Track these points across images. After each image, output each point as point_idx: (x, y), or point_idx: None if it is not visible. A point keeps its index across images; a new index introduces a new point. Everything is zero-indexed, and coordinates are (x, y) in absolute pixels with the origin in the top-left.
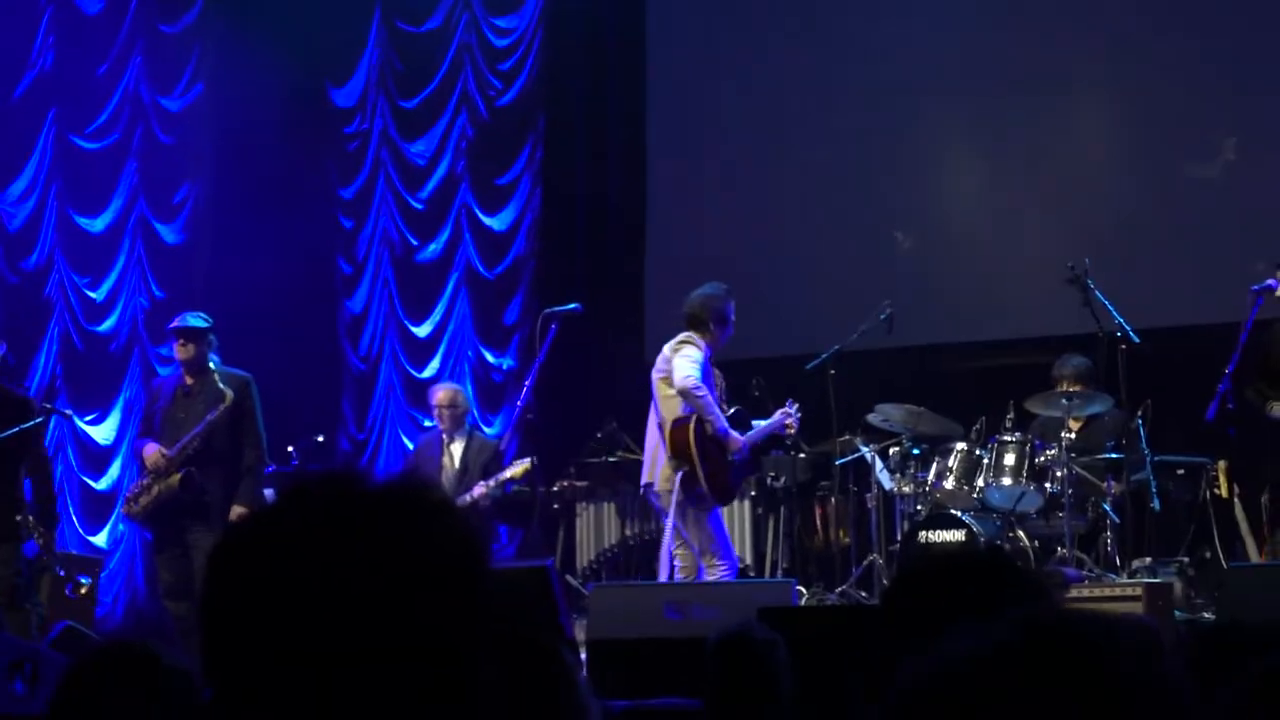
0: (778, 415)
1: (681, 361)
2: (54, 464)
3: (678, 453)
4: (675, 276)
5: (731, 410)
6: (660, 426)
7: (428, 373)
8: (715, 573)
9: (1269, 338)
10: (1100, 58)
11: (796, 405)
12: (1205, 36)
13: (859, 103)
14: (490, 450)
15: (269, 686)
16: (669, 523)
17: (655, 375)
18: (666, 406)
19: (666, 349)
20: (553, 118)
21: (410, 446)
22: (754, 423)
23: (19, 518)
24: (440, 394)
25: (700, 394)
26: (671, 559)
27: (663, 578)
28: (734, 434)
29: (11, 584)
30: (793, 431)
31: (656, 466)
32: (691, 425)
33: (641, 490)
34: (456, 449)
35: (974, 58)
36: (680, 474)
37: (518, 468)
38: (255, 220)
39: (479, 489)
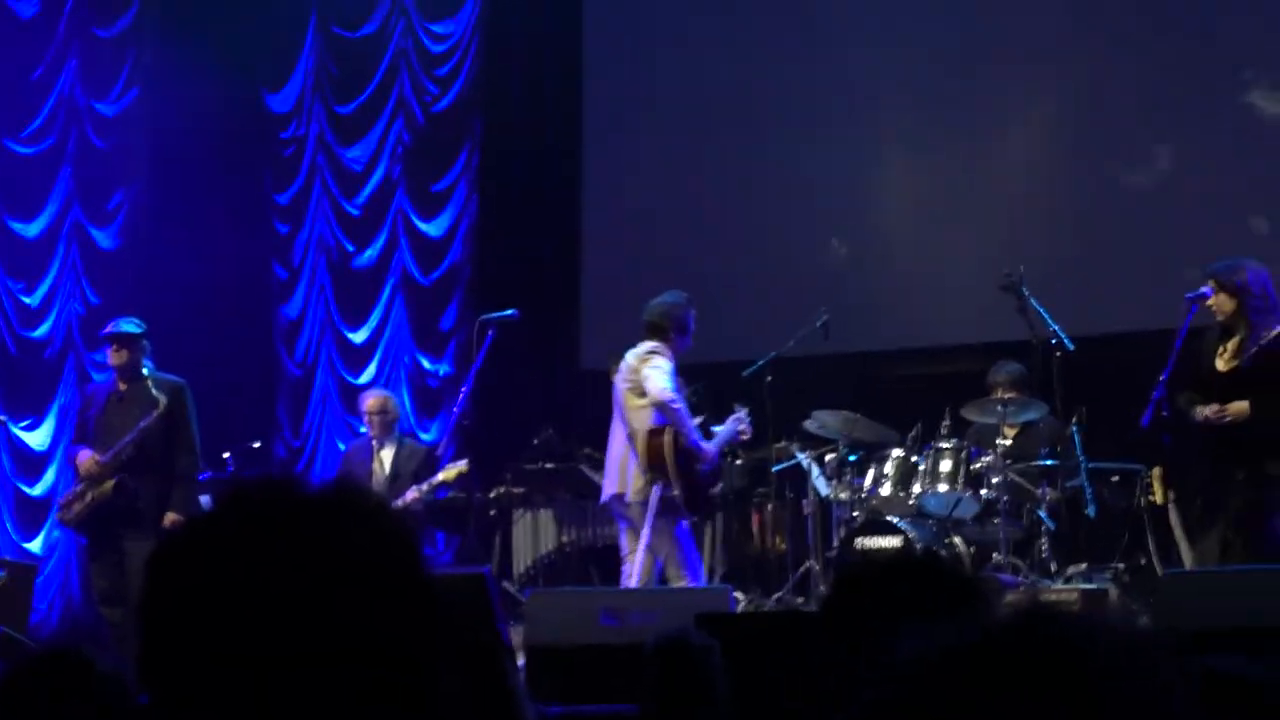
0: (730, 422)
1: (654, 373)
2: None
3: (654, 464)
4: (612, 283)
5: (697, 420)
6: (630, 438)
7: (364, 378)
8: (682, 583)
9: (1200, 346)
10: (1035, 64)
11: (747, 410)
12: (1139, 44)
13: (795, 109)
14: (421, 456)
15: (206, 691)
16: (645, 533)
17: (621, 385)
18: (636, 417)
19: (631, 358)
20: (489, 123)
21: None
22: (715, 431)
23: None
24: (370, 400)
25: (677, 406)
26: (640, 569)
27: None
28: (705, 445)
29: None
30: (746, 438)
31: (627, 477)
32: (667, 436)
33: (605, 500)
34: (386, 455)
35: (910, 65)
36: (657, 486)
37: (451, 470)
38: (190, 225)
39: (411, 493)
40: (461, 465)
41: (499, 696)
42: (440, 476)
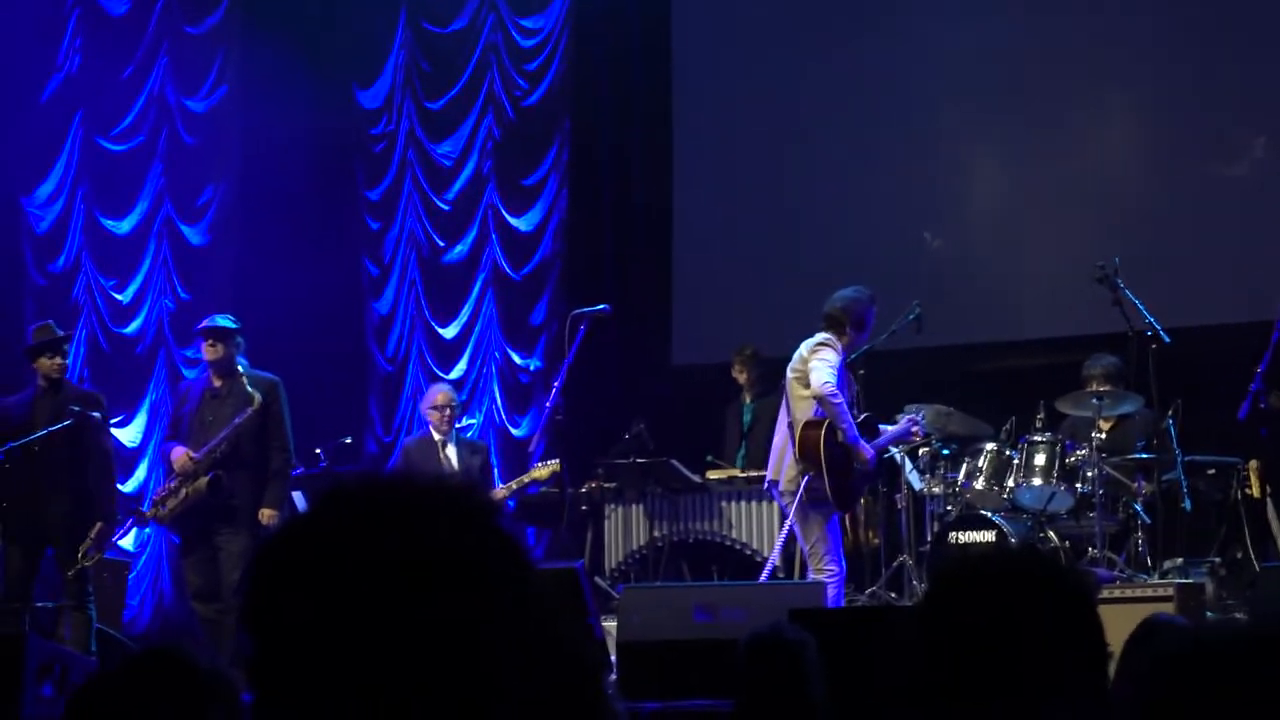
0: (904, 422)
1: (819, 364)
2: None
3: (805, 455)
4: (702, 277)
5: (862, 417)
6: (791, 426)
7: (455, 374)
8: (822, 576)
9: None
10: (1129, 57)
11: (923, 413)
12: (1233, 35)
13: (886, 103)
14: (484, 453)
15: (313, 690)
16: (788, 522)
17: (789, 374)
18: (799, 407)
19: (803, 349)
20: (579, 118)
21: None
22: (882, 428)
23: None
24: (440, 395)
25: (836, 400)
26: (778, 557)
27: (766, 574)
28: (863, 444)
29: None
30: (919, 438)
31: (783, 466)
32: (823, 430)
33: (765, 487)
34: (452, 452)
35: (1002, 58)
36: (806, 477)
37: (544, 469)
38: (281, 222)
39: (501, 490)
40: (554, 464)
41: (590, 692)
42: (533, 474)
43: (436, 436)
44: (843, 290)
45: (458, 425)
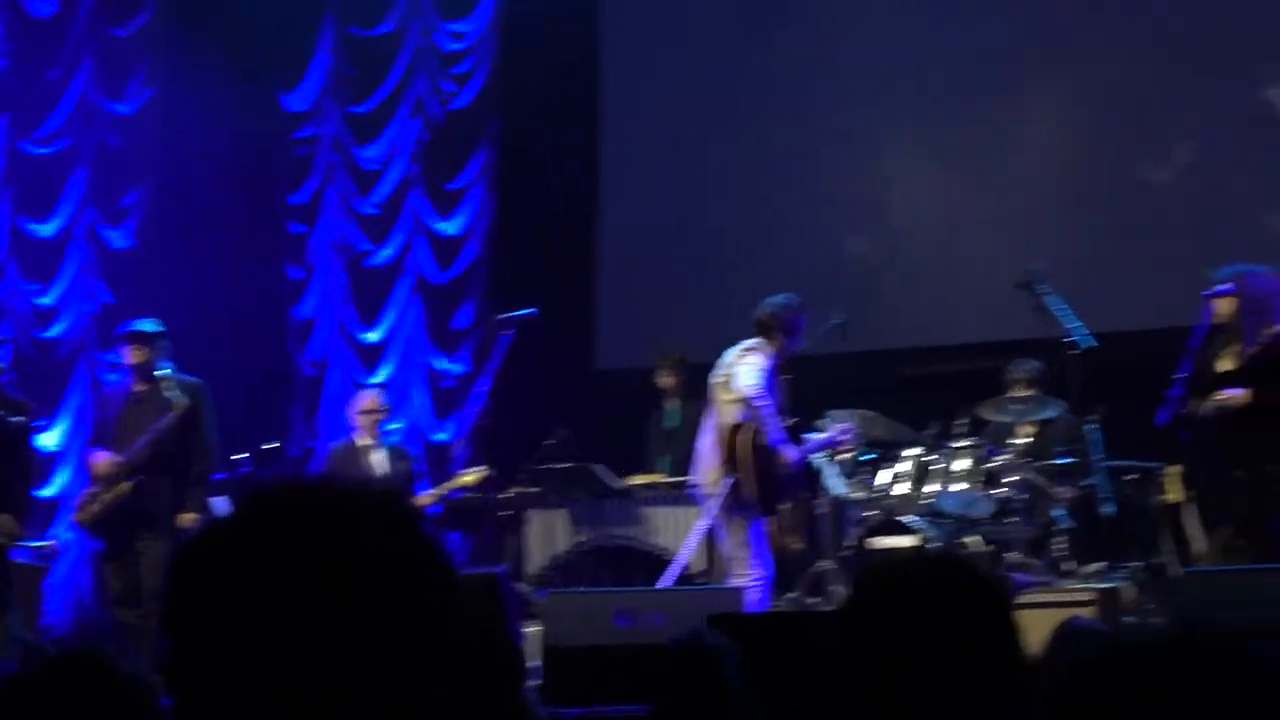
0: (834, 430)
1: (746, 369)
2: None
3: (729, 458)
4: (628, 283)
5: (789, 422)
6: (715, 429)
7: (378, 379)
8: (743, 581)
9: (1209, 348)
10: (1053, 61)
11: (857, 423)
12: (1159, 40)
13: (813, 108)
14: (409, 458)
15: (232, 694)
16: (702, 524)
17: (714, 379)
18: (725, 411)
19: (730, 354)
20: (506, 122)
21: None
22: (809, 436)
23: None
24: (369, 400)
25: (762, 404)
26: (688, 558)
27: (672, 576)
28: (790, 447)
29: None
30: (848, 447)
31: (706, 469)
32: (747, 434)
33: (689, 490)
34: (378, 457)
35: (929, 61)
36: (730, 480)
37: (472, 475)
38: (205, 226)
39: (427, 496)
40: (484, 470)
41: (512, 698)
42: (461, 479)
43: (363, 441)
44: (773, 297)
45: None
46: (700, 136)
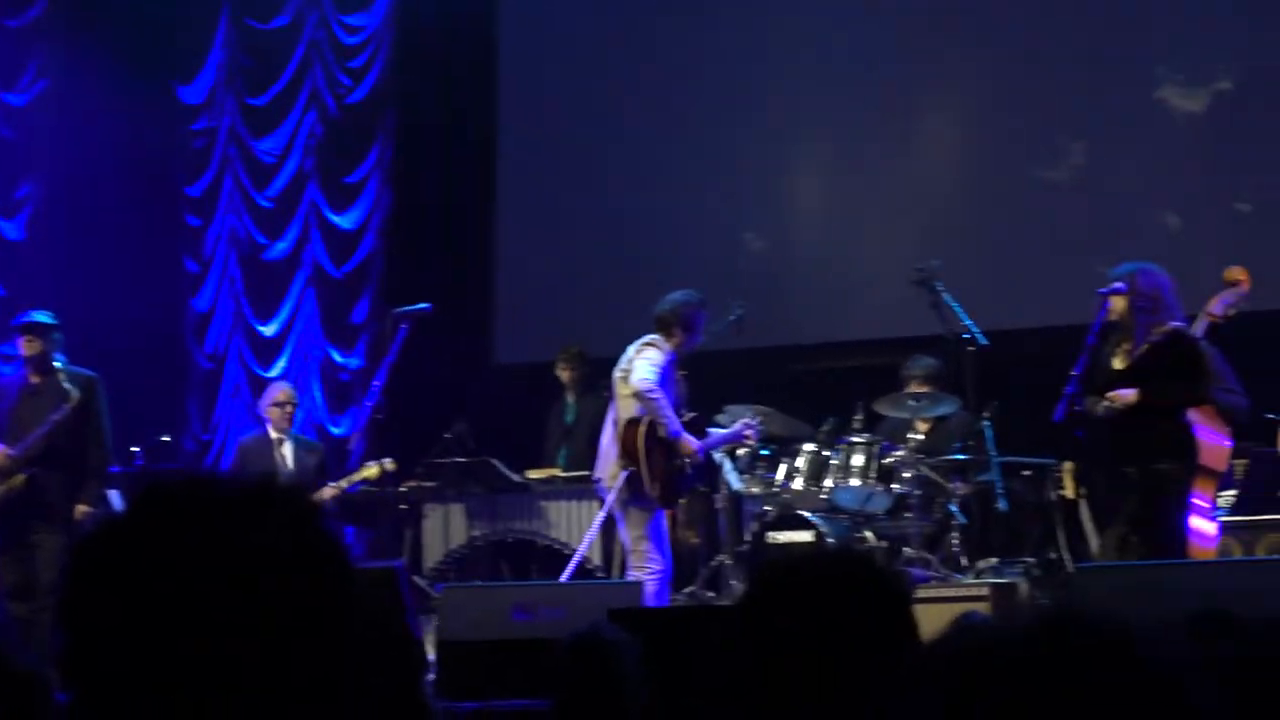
0: (738, 425)
1: (641, 363)
2: None
3: (626, 451)
4: (526, 277)
5: (689, 417)
6: (615, 424)
7: (274, 372)
8: (641, 574)
9: (1104, 346)
10: (951, 60)
11: (760, 418)
12: (1055, 40)
13: (710, 105)
14: (320, 453)
15: (129, 688)
16: (599, 517)
17: (616, 374)
18: (623, 405)
19: (630, 349)
20: (403, 116)
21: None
22: (711, 430)
23: None
24: (282, 393)
25: (654, 396)
26: (585, 551)
27: (572, 569)
28: (687, 437)
29: None
30: (752, 442)
31: (606, 463)
32: (643, 426)
33: (594, 484)
34: (288, 451)
35: (826, 59)
36: (626, 473)
37: (372, 469)
38: (100, 218)
39: (329, 490)
40: (387, 463)
41: (409, 692)
42: (362, 473)
43: (274, 434)
44: (673, 293)
45: None
46: (599, 131)
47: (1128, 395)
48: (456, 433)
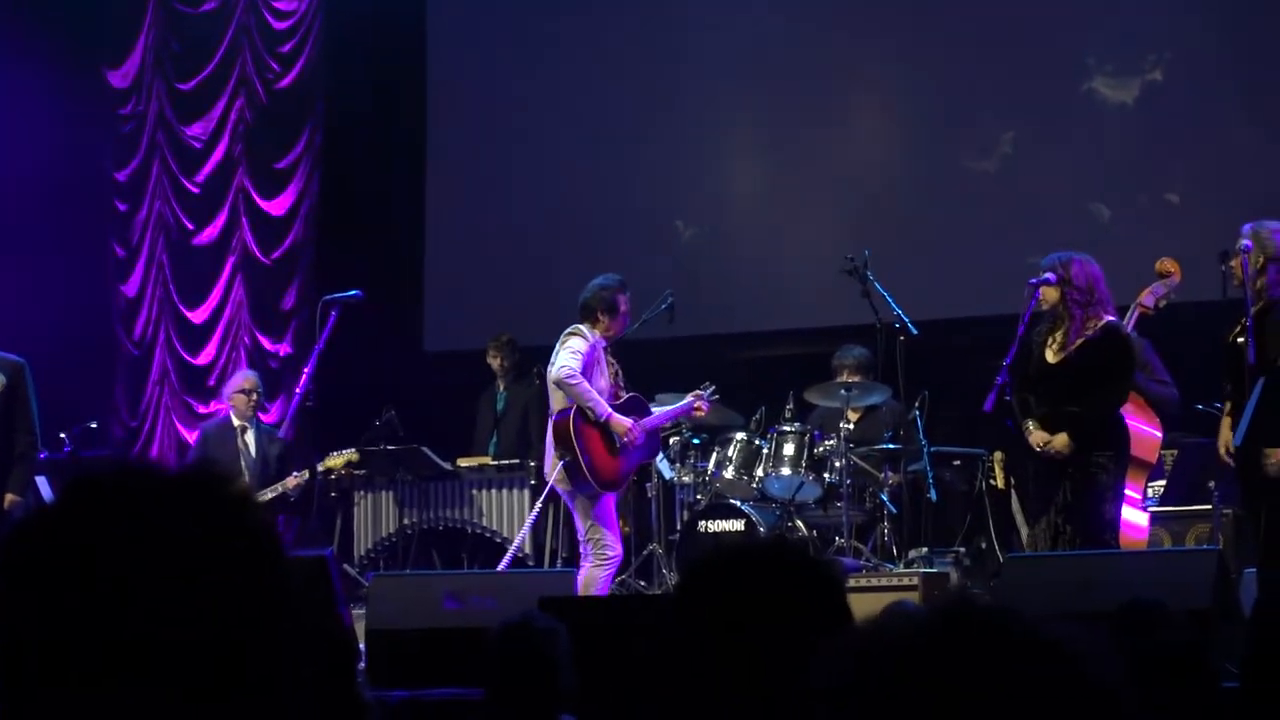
0: (688, 398)
1: (563, 353)
2: None
3: (560, 441)
4: (455, 265)
5: (625, 397)
6: (550, 417)
7: (203, 359)
8: (596, 558)
9: (1034, 338)
10: (881, 49)
11: (712, 389)
12: (984, 29)
13: (640, 93)
14: (280, 442)
15: (63, 683)
16: (536, 508)
17: (548, 369)
18: (554, 397)
19: (558, 342)
20: (333, 102)
21: (186, 434)
22: (655, 408)
23: None
24: (247, 380)
25: (574, 382)
26: (522, 541)
27: (506, 560)
28: (619, 418)
29: None
30: (702, 414)
31: (546, 457)
32: (571, 415)
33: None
34: (250, 439)
35: (756, 49)
36: (563, 463)
37: (339, 457)
38: (26, 202)
39: (292, 480)
40: (350, 453)
41: (340, 681)
42: (326, 463)
43: (237, 422)
44: (595, 279)
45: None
46: (529, 117)
47: (1060, 444)
48: (387, 420)
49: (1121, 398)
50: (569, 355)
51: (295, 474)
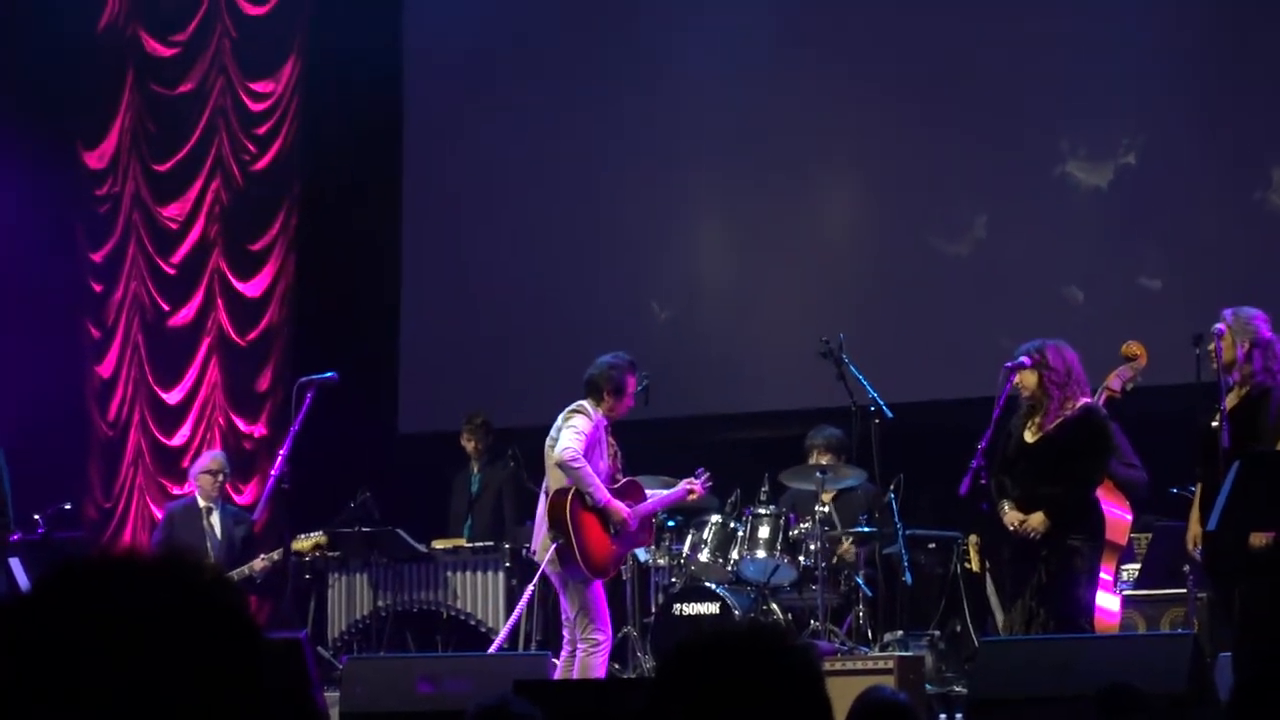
0: (681, 485)
1: (567, 432)
2: None
3: (554, 523)
4: (430, 347)
5: (623, 480)
6: (546, 494)
7: (178, 440)
8: (587, 644)
9: (1011, 421)
10: (857, 133)
11: (707, 474)
12: (957, 113)
13: (617, 176)
14: (247, 524)
15: None
16: (528, 589)
17: (547, 444)
18: (552, 476)
19: (560, 418)
20: (309, 183)
21: (160, 515)
22: (651, 492)
23: None
24: (214, 460)
25: (577, 466)
26: (515, 624)
27: (499, 641)
28: (617, 505)
29: None
30: (695, 498)
31: (537, 535)
32: (569, 497)
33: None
34: (216, 520)
35: (732, 133)
36: (555, 545)
37: (305, 541)
38: (2, 282)
39: (260, 561)
40: (318, 536)
41: None
42: (296, 545)
43: (203, 503)
44: (603, 356)
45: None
46: (505, 201)
47: (1035, 522)
48: (361, 502)
49: (1098, 478)
50: (572, 436)
51: (263, 556)
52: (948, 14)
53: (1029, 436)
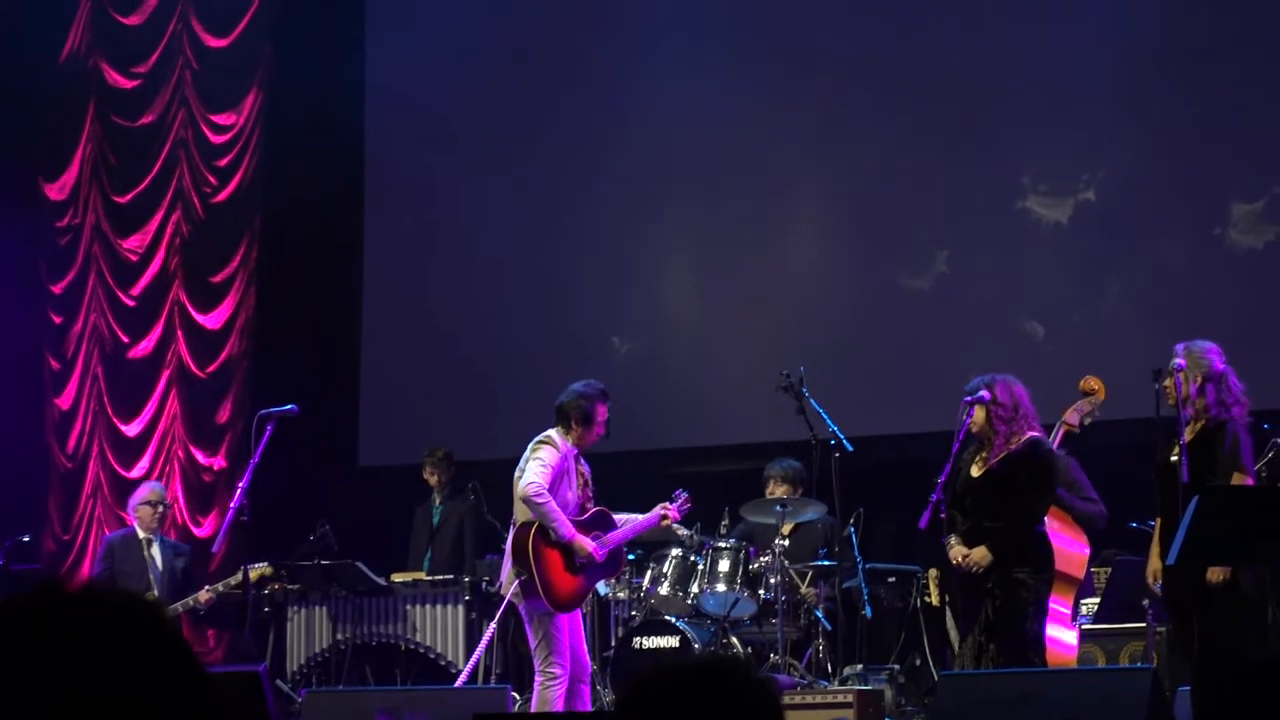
0: (655, 510)
1: (532, 464)
2: None
3: (517, 556)
4: (391, 380)
5: (592, 510)
6: (514, 526)
7: (136, 472)
8: (544, 677)
9: (962, 456)
10: (815, 170)
11: (685, 495)
12: (918, 148)
13: (577, 209)
14: (186, 556)
15: None
16: (490, 625)
17: (515, 475)
18: (518, 508)
19: (529, 448)
20: (269, 216)
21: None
22: (620, 519)
23: None
24: (153, 492)
25: (541, 501)
26: (478, 660)
27: (463, 677)
28: (582, 540)
29: None
30: (669, 523)
31: (504, 568)
32: (533, 530)
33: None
34: (156, 552)
35: (691, 166)
36: (519, 579)
37: (255, 570)
38: None
39: (204, 593)
40: (264, 566)
41: None
42: (240, 577)
43: (142, 535)
44: (574, 385)
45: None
46: (466, 234)
47: (977, 557)
48: (321, 535)
49: (1041, 511)
50: (538, 469)
51: (208, 588)
52: (910, 52)
53: (975, 471)
